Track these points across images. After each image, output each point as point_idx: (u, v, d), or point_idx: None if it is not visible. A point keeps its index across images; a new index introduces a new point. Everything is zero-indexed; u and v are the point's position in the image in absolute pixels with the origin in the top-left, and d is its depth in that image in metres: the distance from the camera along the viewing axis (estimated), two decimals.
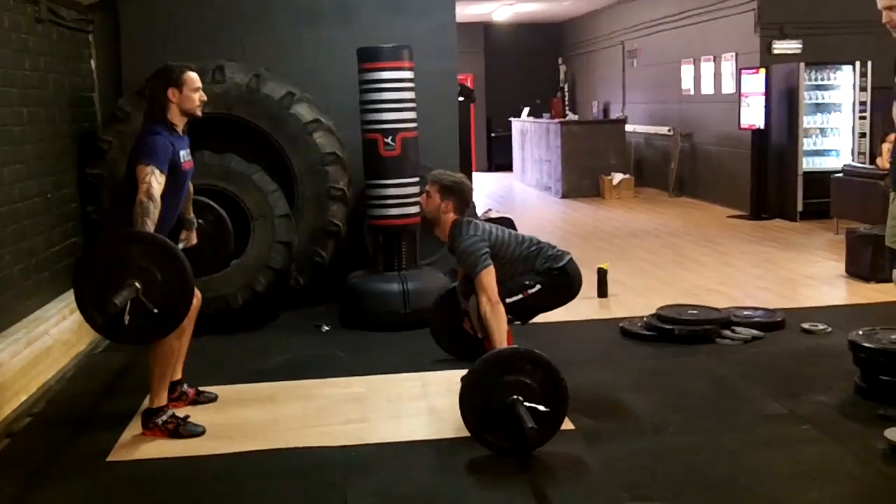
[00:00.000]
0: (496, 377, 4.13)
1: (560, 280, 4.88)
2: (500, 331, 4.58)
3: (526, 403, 4.05)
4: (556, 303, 5.04)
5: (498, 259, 4.82)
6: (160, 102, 4.46)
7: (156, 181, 4.22)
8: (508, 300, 4.71)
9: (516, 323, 5.00)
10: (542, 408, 4.08)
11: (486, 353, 4.34)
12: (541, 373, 4.16)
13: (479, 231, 4.86)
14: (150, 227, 4.12)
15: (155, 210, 4.16)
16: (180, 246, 4.77)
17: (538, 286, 4.79)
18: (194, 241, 4.96)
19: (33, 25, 5.93)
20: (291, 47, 7.66)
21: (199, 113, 4.60)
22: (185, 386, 4.96)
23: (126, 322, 3.85)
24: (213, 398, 5.06)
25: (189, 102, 4.51)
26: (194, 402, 4.96)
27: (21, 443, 4.60)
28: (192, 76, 4.54)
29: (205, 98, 4.63)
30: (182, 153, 4.50)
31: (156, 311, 3.89)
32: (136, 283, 3.86)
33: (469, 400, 4.17)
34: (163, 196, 4.26)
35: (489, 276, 4.69)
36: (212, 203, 5.30)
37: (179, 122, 4.54)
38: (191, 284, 3.97)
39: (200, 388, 5.06)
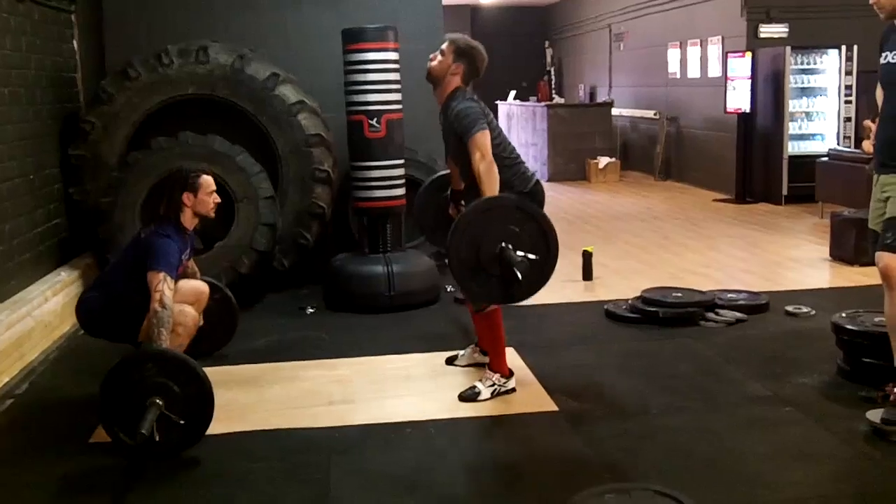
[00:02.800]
0: (485, 225, 4.16)
1: (532, 198, 4.71)
2: (493, 188, 4.44)
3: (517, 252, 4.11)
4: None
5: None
6: (175, 205, 4.57)
7: (168, 288, 4.30)
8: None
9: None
10: (531, 256, 4.12)
11: (475, 201, 4.36)
12: (530, 222, 4.18)
13: (481, 106, 4.69)
14: (166, 336, 4.21)
15: (170, 319, 4.25)
16: None
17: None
18: (200, 322, 4.96)
19: (14, 5, 5.87)
20: (276, 28, 7.62)
21: (212, 215, 4.74)
22: None
23: (157, 440, 3.86)
24: None
25: (203, 206, 4.66)
26: None
27: (3, 424, 4.58)
28: (208, 180, 4.67)
29: (219, 200, 4.75)
30: (183, 257, 4.62)
31: (182, 422, 3.92)
32: (158, 401, 3.90)
33: (457, 249, 4.17)
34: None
35: (485, 137, 4.49)
36: (214, 282, 5.39)
37: (190, 225, 4.68)
38: (209, 390, 4.02)
39: None
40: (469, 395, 4.64)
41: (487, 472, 3.89)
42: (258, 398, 4.81)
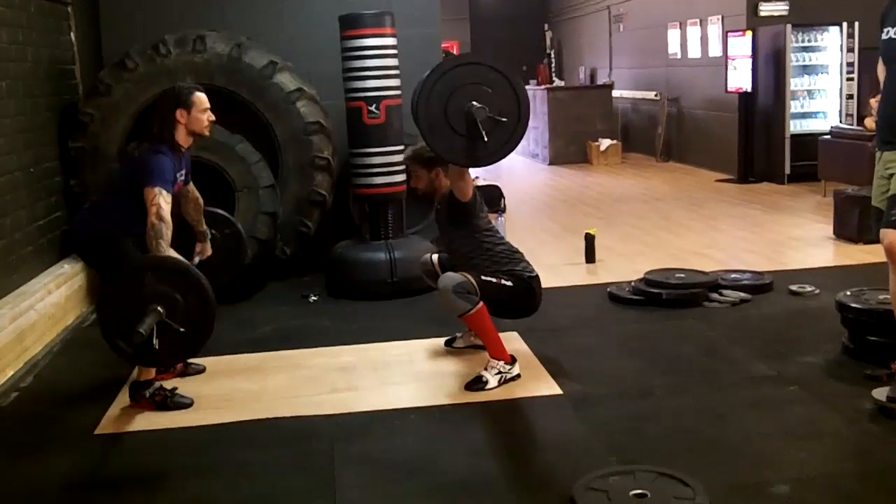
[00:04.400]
0: (458, 81, 4.24)
1: (528, 291, 4.81)
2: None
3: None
4: (516, 307, 4.88)
5: (480, 231, 4.80)
6: (168, 123, 4.48)
7: (164, 202, 4.24)
8: (483, 278, 4.65)
9: None
10: (501, 118, 4.23)
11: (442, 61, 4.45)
12: (505, 86, 4.27)
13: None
14: (165, 248, 4.16)
15: (168, 231, 4.20)
16: (195, 260, 4.85)
17: (511, 283, 4.72)
18: (209, 252, 5.01)
19: None
20: (273, 16, 7.58)
21: (207, 133, 4.64)
22: None
23: (156, 346, 3.85)
24: (200, 370, 5.05)
25: (197, 124, 4.55)
26: (182, 375, 4.95)
27: (8, 417, 4.58)
28: (201, 97, 4.58)
29: (213, 119, 4.65)
30: (178, 175, 4.53)
31: (182, 330, 3.89)
32: (159, 308, 3.86)
33: (427, 101, 4.24)
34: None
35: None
36: (227, 216, 5.35)
37: (185, 143, 4.58)
38: (211, 299, 3.97)
39: (188, 360, 5.04)
40: (477, 387, 4.60)
41: (492, 456, 3.88)
42: (261, 387, 4.81)
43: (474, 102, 4.25)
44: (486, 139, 4.22)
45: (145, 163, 4.37)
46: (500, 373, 4.65)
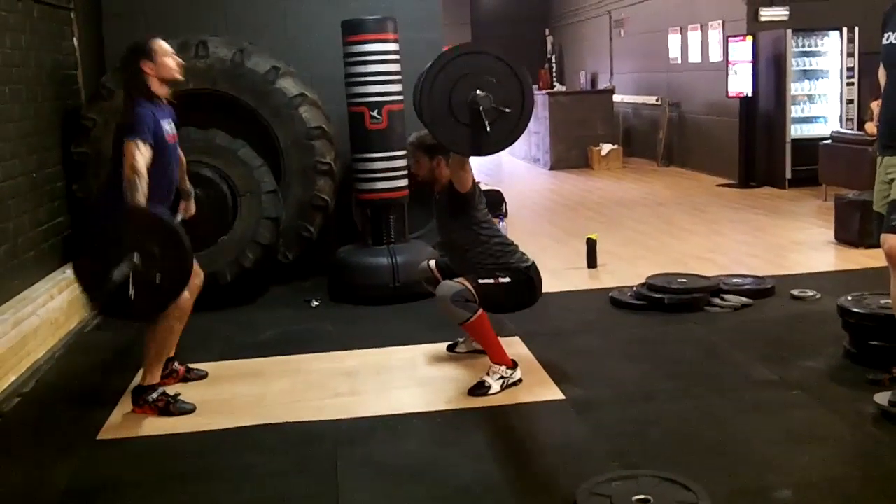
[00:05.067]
0: (462, 70, 4.23)
1: (527, 282, 4.81)
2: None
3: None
4: (517, 302, 4.89)
5: (477, 222, 4.79)
6: (139, 79, 4.43)
7: (140, 155, 4.19)
8: (480, 281, 4.65)
9: None
10: (505, 109, 4.21)
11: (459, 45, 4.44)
12: (509, 76, 4.25)
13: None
14: (141, 200, 4.10)
15: (143, 183, 4.14)
16: (178, 217, 4.79)
17: (508, 279, 4.71)
18: (192, 211, 4.96)
19: (13, 3, 5.85)
20: (275, 21, 7.59)
21: (179, 76, 4.56)
22: (176, 363, 4.96)
23: (131, 296, 3.85)
24: (203, 375, 5.05)
25: (166, 70, 4.48)
26: (184, 380, 4.96)
27: (11, 423, 4.59)
28: (161, 43, 4.52)
29: (181, 62, 4.59)
30: (165, 125, 4.46)
31: (157, 281, 3.89)
32: (134, 258, 3.87)
33: (430, 89, 4.24)
34: (152, 169, 4.25)
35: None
36: (212, 176, 5.30)
37: (162, 92, 4.51)
38: (188, 252, 3.99)
39: (190, 366, 5.05)
40: (479, 392, 4.61)
41: (495, 461, 3.88)
42: (264, 391, 4.82)
43: (479, 91, 4.25)
44: (488, 129, 4.22)
45: (124, 120, 4.36)
46: (502, 378, 4.66)
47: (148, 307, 4.04)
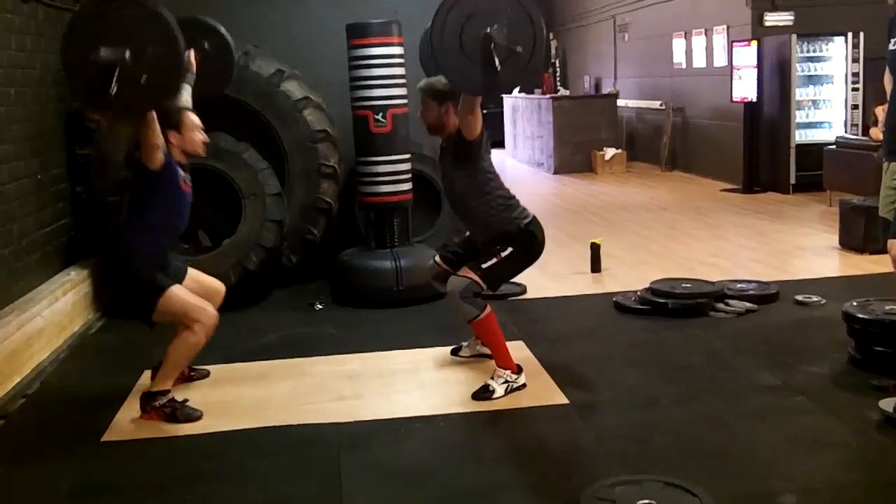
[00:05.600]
0: (475, 8, 4.18)
1: (529, 242, 4.78)
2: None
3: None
4: (524, 264, 4.86)
5: (482, 172, 4.76)
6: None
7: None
8: (484, 266, 4.64)
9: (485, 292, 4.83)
10: (518, 48, 4.16)
11: None
12: (522, 17, 4.20)
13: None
14: None
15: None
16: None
17: (510, 249, 4.68)
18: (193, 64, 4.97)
19: (18, 5, 5.87)
20: (280, 24, 7.59)
21: (202, 152, 4.68)
22: None
23: (113, 91, 3.86)
24: (205, 374, 5.08)
25: (190, 144, 4.59)
26: (188, 380, 4.96)
27: (15, 424, 4.59)
28: (192, 117, 4.60)
29: (206, 139, 4.67)
30: (182, 174, 4.56)
31: (143, 80, 3.89)
32: (126, 51, 3.89)
33: (442, 26, 4.19)
34: (162, 220, 4.47)
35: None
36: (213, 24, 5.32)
37: (181, 160, 4.61)
38: (182, 58, 3.98)
39: (192, 366, 5.05)
40: (483, 396, 4.61)
41: (498, 465, 3.87)
42: (267, 394, 4.82)
43: (492, 27, 4.20)
44: (499, 67, 4.18)
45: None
46: (506, 382, 4.65)
47: (132, 102, 4.03)
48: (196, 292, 4.62)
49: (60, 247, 6.27)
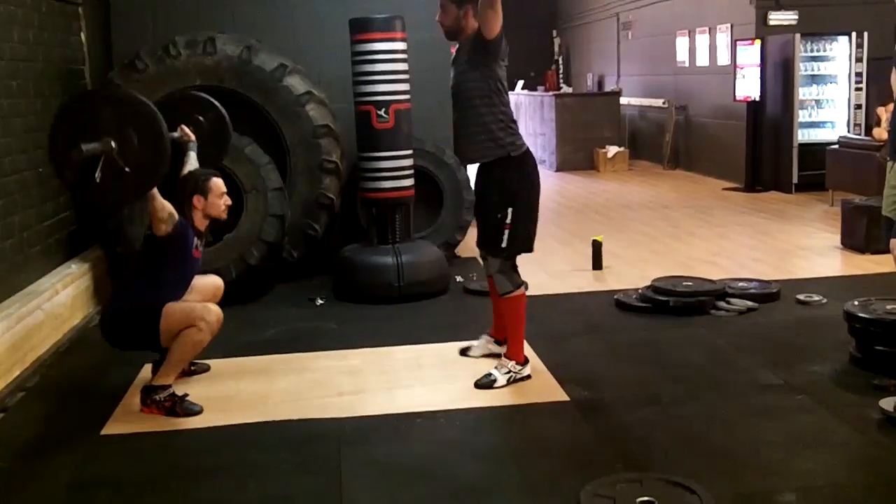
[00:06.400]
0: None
1: (525, 183, 4.76)
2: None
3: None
4: (534, 207, 4.87)
5: (495, 79, 4.69)
6: (185, 209, 4.55)
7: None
8: (503, 245, 4.67)
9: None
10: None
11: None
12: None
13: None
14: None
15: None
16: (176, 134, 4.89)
17: (510, 209, 4.68)
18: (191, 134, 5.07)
19: None
20: (283, 18, 7.59)
21: (224, 217, 4.75)
22: None
23: (97, 179, 3.90)
24: (205, 369, 5.08)
25: (214, 209, 4.66)
26: (189, 374, 4.97)
27: (15, 417, 4.58)
28: (217, 183, 4.67)
29: (230, 203, 4.74)
30: (196, 241, 4.62)
31: (128, 169, 3.93)
32: (111, 142, 3.93)
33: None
34: (169, 284, 4.52)
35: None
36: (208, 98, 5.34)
37: (202, 226, 4.67)
38: (166, 146, 4.02)
39: (193, 360, 5.04)
40: (485, 383, 4.65)
41: (499, 462, 3.87)
42: (268, 389, 4.81)
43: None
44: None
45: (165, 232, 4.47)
46: (509, 372, 4.68)
47: (119, 193, 4.08)
48: (197, 293, 4.69)
49: (61, 240, 6.27)
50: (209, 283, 4.95)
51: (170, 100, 4.77)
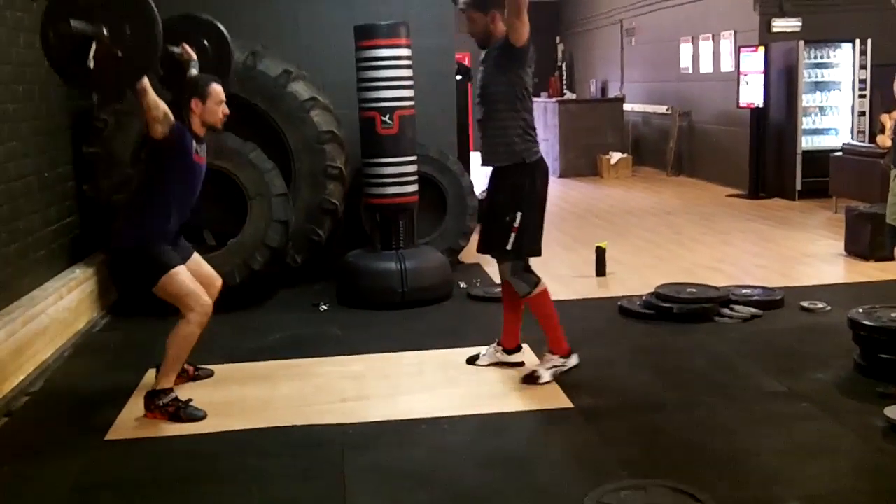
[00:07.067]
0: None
1: (535, 188, 4.81)
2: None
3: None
4: (541, 207, 4.90)
5: (520, 85, 4.75)
6: (183, 112, 4.52)
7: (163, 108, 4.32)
8: (508, 248, 4.73)
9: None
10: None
11: None
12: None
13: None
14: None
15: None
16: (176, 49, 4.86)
17: (518, 213, 4.73)
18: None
19: (27, 3, 5.88)
20: (288, 24, 7.61)
21: (220, 126, 4.67)
22: (185, 364, 4.96)
23: (90, 65, 3.90)
24: (209, 374, 5.09)
25: (211, 115, 4.59)
26: (193, 378, 4.98)
27: (19, 421, 4.59)
28: (217, 89, 4.61)
29: (227, 112, 4.67)
30: (196, 145, 4.54)
31: (120, 54, 3.94)
32: (103, 28, 3.95)
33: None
34: (174, 190, 4.46)
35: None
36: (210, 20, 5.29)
37: (200, 132, 4.61)
38: (157, 31, 4.04)
39: (197, 365, 5.05)
40: (530, 381, 4.76)
41: (502, 468, 3.87)
42: (271, 395, 4.81)
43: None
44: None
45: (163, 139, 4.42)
46: (553, 367, 4.78)
47: (112, 80, 4.06)
48: (195, 276, 4.62)
49: (66, 244, 6.28)
50: (212, 272, 4.88)
51: (170, 20, 4.68)
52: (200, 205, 4.86)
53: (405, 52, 6.62)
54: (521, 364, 5.08)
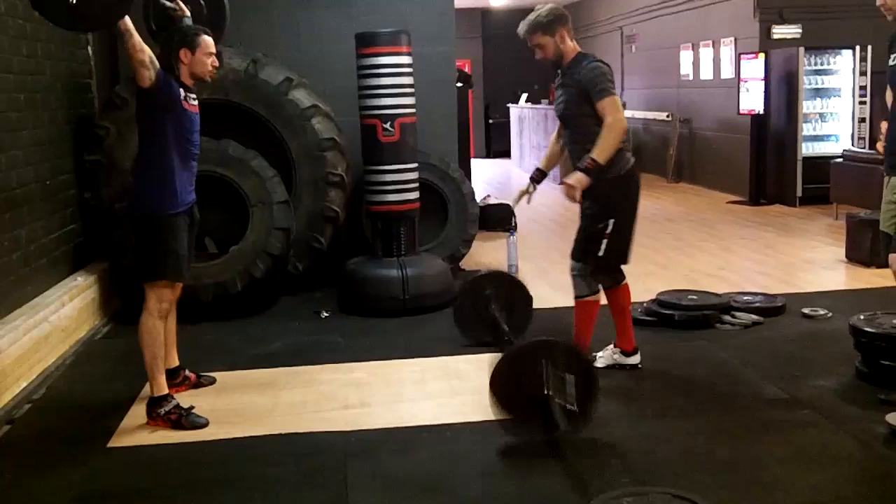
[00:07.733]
0: (534, 364, 4.07)
1: (626, 198, 4.90)
2: (610, 145, 4.65)
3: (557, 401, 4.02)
4: (631, 221, 4.97)
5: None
6: (171, 62, 4.47)
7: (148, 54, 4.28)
8: (599, 254, 4.84)
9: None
10: (571, 407, 4.05)
11: (528, 341, 4.35)
12: (578, 369, 4.09)
13: (609, 70, 4.76)
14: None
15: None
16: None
17: (611, 220, 4.82)
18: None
19: (30, 11, 5.86)
20: (289, 32, 7.63)
21: (208, 78, 4.62)
22: (187, 370, 4.98)
23: (73, 1, 3.90)
24: (212, 381, 5.09)
25: (200, 66, 4.53)
26: (196, 386, 4.98)
27: (21, 429, 4.59)
28: (207, 40, 4.55)
29: (217, 64, 4.62)
30: (185, 94, 4.49)
31: None
32: None
33: (500, 379, 4.09)
34: (170, 140, 4.42)
35: (617, 102, 4.65)
36: None
37: (188, 83, 4.55)
38: None
39: (199, 373, 5.06)
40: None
41: (504, 475, 3.87)
42: (273, 402, 4.82)
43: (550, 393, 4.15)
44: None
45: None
46: (611, 358, 5.08)
47: (87, 13, 4.04)
48: None
49: (68, 252, 6.28)
50: None
51: None
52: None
53: (406, 59, 6.64)
54: (638, 367, 5.14)
